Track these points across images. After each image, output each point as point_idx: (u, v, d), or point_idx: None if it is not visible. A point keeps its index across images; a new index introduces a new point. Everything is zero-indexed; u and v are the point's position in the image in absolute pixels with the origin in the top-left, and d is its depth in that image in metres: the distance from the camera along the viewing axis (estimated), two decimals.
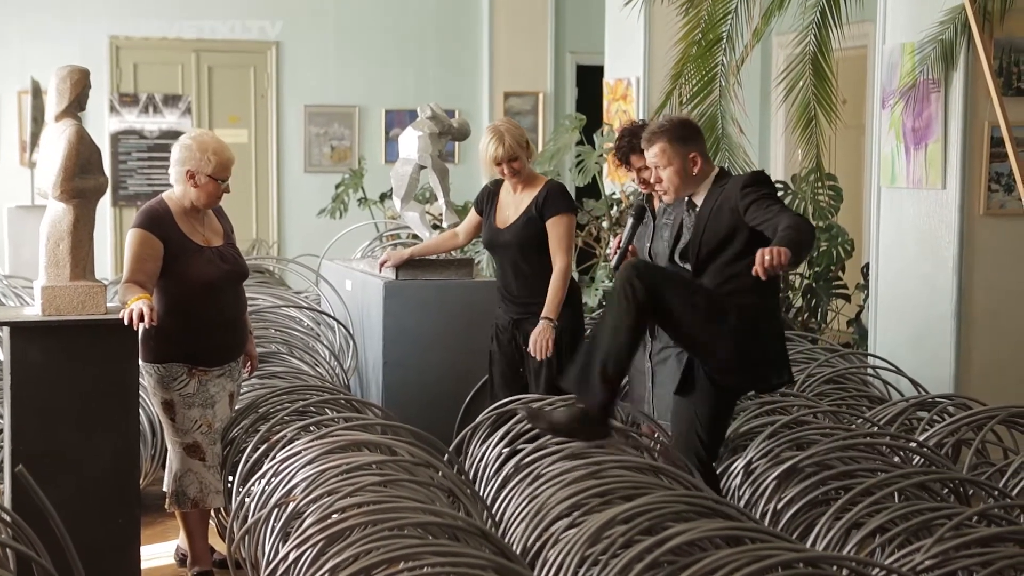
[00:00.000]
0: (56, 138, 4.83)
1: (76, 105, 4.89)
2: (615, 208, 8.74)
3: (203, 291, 5.03)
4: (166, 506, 5.18)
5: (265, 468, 4.79)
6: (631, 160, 5.50)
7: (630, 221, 5.09)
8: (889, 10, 6.77)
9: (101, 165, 4.94)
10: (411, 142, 6.40)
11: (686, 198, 4.86)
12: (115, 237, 11.59)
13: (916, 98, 6.51)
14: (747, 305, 4.63)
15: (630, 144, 5.47)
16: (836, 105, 6.31)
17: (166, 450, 5.31)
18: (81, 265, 4.87)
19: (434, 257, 6.14)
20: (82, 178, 4.82)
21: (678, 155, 4.70)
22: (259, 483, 4.69)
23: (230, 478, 5.36)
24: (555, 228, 5.54)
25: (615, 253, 5.00)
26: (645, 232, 5.63)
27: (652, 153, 4.72)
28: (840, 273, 8.24)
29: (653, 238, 5.59)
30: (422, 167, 6.38)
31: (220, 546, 5.47)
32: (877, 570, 3.54)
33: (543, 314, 5.47)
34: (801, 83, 6.35)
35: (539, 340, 5.47)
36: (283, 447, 4.98)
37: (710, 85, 6.33)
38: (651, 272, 4.64)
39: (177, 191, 5.11)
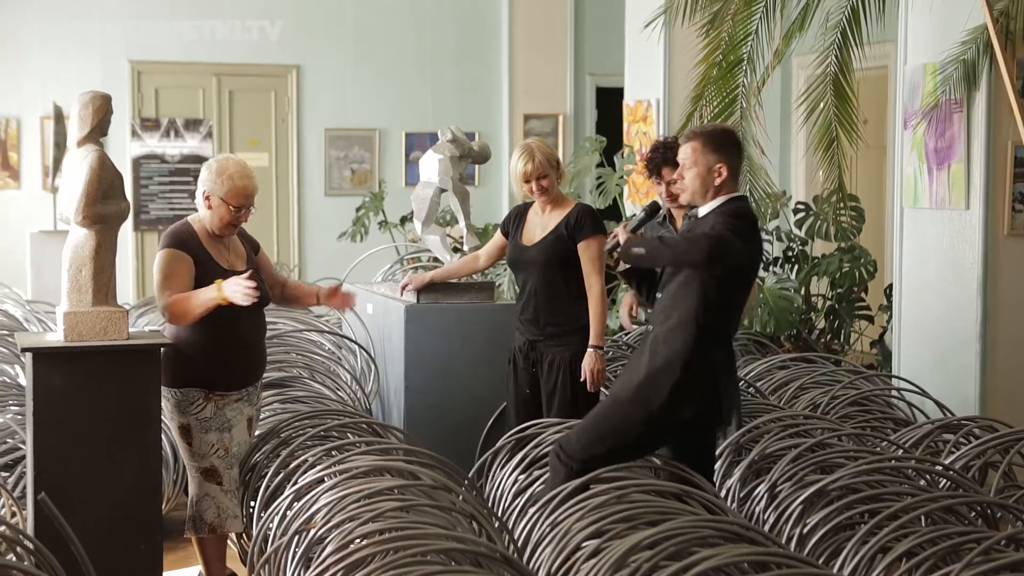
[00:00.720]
0: (78, 164, 4.83)
1: (98, 131, 4.89)
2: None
3: (225, 316, 5.01)
4: (185, 532, 5.16)
5: (286, 493, 4.77)
6: (663, 172, 5.53)
7: (642, 214, 5.01)
8: (910, 31, 6.76)
9: (123, 190, 4.94)
10: (432, 165, 6.39)
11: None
12: (137, 262, 11.62)
13: (938, 118, 6.49)
14: (680, 338, 4.58)
15: (663, 156, 5.54)
16: (858, 126, 6.29)
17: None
18: (103, 291, 4.87)
19: (455, 280, 6.13)
20: (104, 204, 4.82)
21: (706, 159, 4.64)
22: (280, 509, 4.68)
23: (251, 503, 5.35)
24: (587, 250, 5.53)
25: (613, 237, 4.89)
26: None
27: (684, 151, 4.70)
28: (863, 294, 8.21)
29: None
30: (443, 190, 6.37)
31: (240, 570, 5.45)
32: None
33: (591, 343, 5.47)
34: (823, 104, 6.33)
35: (592, 370, 5.46)
36: (304, 472, 4.97)
37: (731, 106, 6.31)
38: (574, 448, 4.62)
39: (200, 213, 5.11)
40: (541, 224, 5.65)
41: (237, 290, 4.82)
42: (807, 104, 6.36)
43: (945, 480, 4.97)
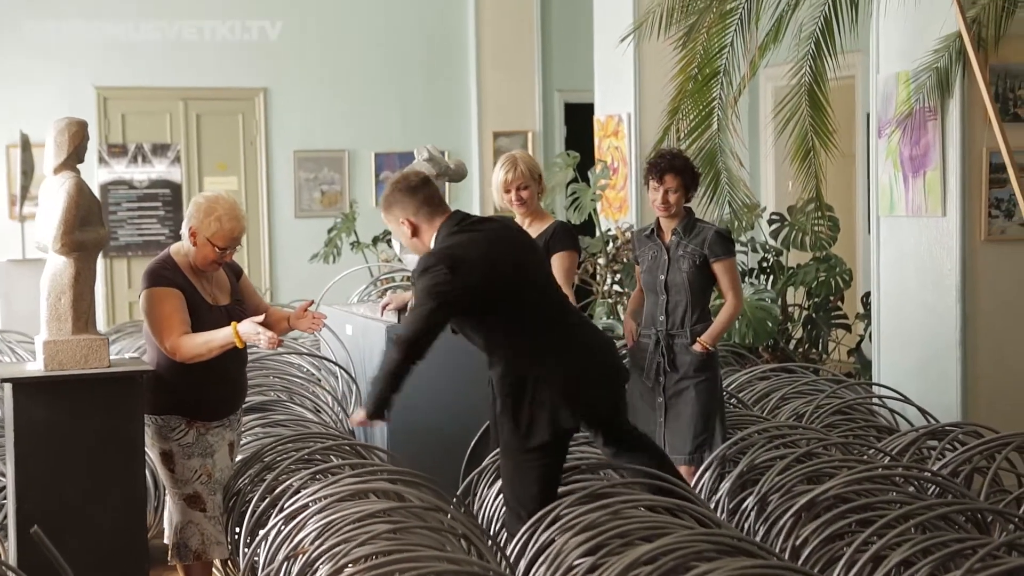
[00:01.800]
0: (55, 191, 4.78)
1: (75, 157, 4.85)
2: (611, 244, 8.71)
3: None
4: (169, 559, 5.09)
5: (273, 519, 4.72)
6: (664, 179, 5.59)
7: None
8: (882, 40, 6.78)
9: (101, 217, 4.90)
10: None
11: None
12: (106, 288, 11.51)
13: (913, 126, 6.51)
14: (499, 372, 4.58)
15: (670, 163, 5.61)
16: (833, 135, 6.30)
17: (164, 502, 5.22)
18: (83, 319, 4.81)
19: None
20: (82, 231, 4.77)
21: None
22: (268, 535, 4.62)
23: (237, 529, 5.29)
24: (559, 263, 5.55)
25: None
26: (656, 265, 5.62)
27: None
28: (839, 303, 8.23)
29: (669, 269, 5.58)
30: None
31: None
32: None
33: None
34: (798, 114, 6.34)
35: None
36: (290, 496, 4.92)
37: (708, 119, 6.31)
38: (514, 499, 4.60)
39: (184, 245, 5.03)
40: None
41: (252, 335, 4.78)
42: (783, 115, 6.37)
43: (934, 487, 4.97)
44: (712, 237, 5.59)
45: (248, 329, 4.83)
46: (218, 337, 4.84)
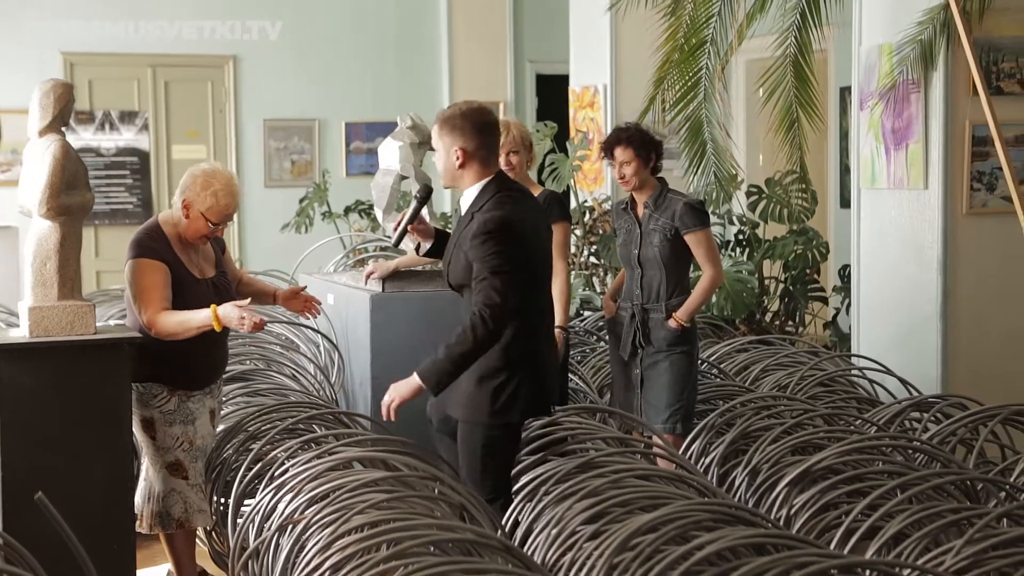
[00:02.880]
0: (41, 154, 4.69)
1: (60, 120, 4.75)
2: (588, 216, 8.69)
3: None
4: (144, 528, 5.01)
5: (264, 490, 4.67)
6: (615, 153, 5.56)
7: (414, 203, 4.81)
8: (865, 12, 6.78)
9: (87, 181, 4.81)
10: (391, 152, 6.29)
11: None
12: None
13: (896, 99, 6.52)
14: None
15: (617, 137, 5.58)
16: (818, 107, 6.30)
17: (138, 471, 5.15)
18: (69, 284, 4.73)
19: (420, 268, 6.05)
20: (68, 194, 4.68)
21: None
22: (260, 505, 4.58)
23: (222, 500, 5.24)
24: (555, 235, 5.48)
25: (395, 230, 4.80)
26: (631, 239, 5.60)
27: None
28: (816, 275, 8.25)
29: (641, 243, 5.56)
30: (404, 177, 6.28)
31: (211, 568, 5.35)
32: (912, 572, 3.50)
33: (556, 323, 5.39)
34: (782, 86, 6.33)
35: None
36: (279, 466, 4.88)
37: (695, 89, 6.28)
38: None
39: (173, 214, 4.97)
40: None
41: (235, 319, 4.70)
42: (768, 86, 6.36)
43: (922, 456, 4.99)
44: (682, 209, 5.53)
45: (230, 314, 4.73)
46: (196, 319, 4.77)
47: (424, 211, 4.94)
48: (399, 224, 4.76)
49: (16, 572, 3.59)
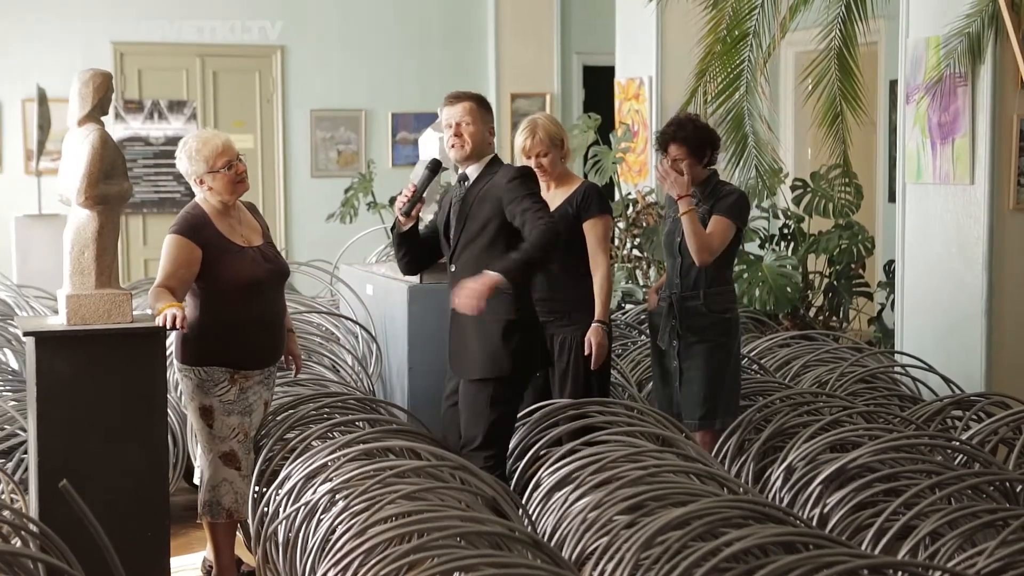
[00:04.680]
0: (79, 143, 4.72)
1: (99, 109, 4.79)
2: (631, 208, 8.65)
3: (247, 291, 4.92)
4: (199, 517, 5.07)
5: (296, 477, 4.68)
6: (669, 149, 5.51)
7: (426, 172, 5.18)
8: (912, 4, 6.69)
9: (125, 170, 4.84)
10: (432, 143, 6.30)
11: None
12: (123, 245, 11.45)
13: (942, 93, 6.43)
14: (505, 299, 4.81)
15: (673, 134, 5.51)
16: (863, 100, 6.22)
17: (189, 460, 5.20)
18: (107, 273, 4.77)
19: None
20: (106, 184, 4.72)
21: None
22: (292, 494, 4.59)
23: (255, 487, 5.26)
24: (594, 229, 5.46)
25: (407, 200, 5.05)
26: (675, 227, 5.56)
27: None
28: (861, 271, 8.16)
29: (683, 232, 5.50)
30: (444, 168, 6.27)
31: (248, 558, 5.37)
32: (942, 573, 3.45)
33: (596, 318, 5.39)
34: (826, 79, 6.26)
35: (597, 343, 5.39)
36: (312, 455, 4.89)
37: (736, 81, 6.23)
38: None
39: (204, 196, 5.02)
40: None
41: (167, 315, 4.65)
42: (811, 79, 6.29)
43: (961, 456, 4.92)
44: (725, 200, 5.47)
45: (164, 312, 4.66)
46: (158, 304, 4.73)
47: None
48: (413, 194, 5.05)
49: (48, 560, 3.62)
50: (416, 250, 5.19)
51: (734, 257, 5.65)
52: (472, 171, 5.01)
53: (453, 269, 4.97)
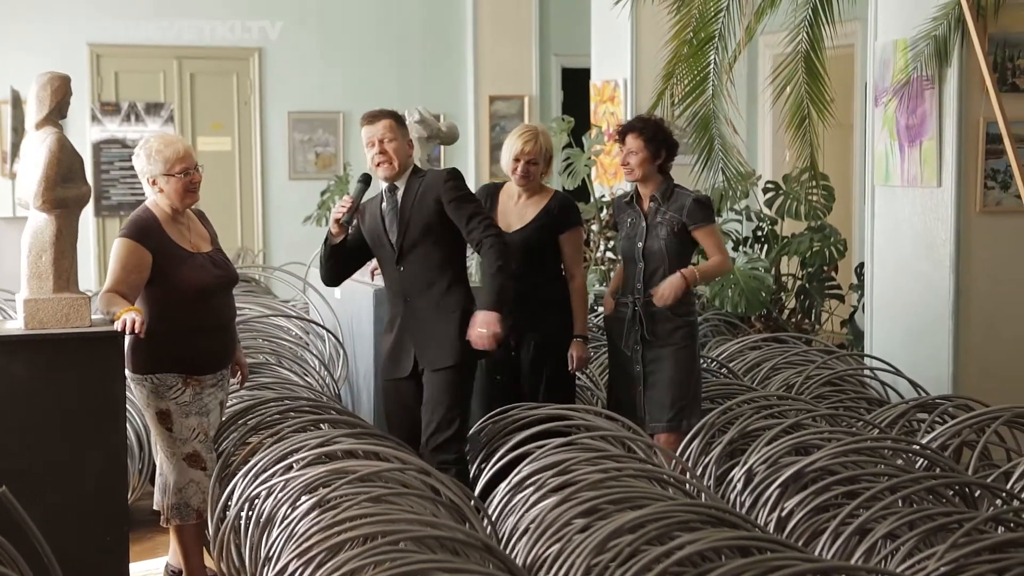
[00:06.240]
0: (37, 147, 4.70)
1: (56, 112, 4.76)
2: (604, 211, 8.65)
3: (196, 297, 4.91)
4: (164, 522, 5.04)
5: (259, 479, 4.67)
6: (626, 140, 5.58)
7: (359, 185, 5.29)
8: (880, 7, 6.70)
9: (84, 174, 4.82)
10: None
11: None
12: (98, 248, 11.45)
13: (910, 95, 6.44)
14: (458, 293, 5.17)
15: (630, 126, 5.62)
16: (829, 104, 6.22)
17: (154, 465, 5.17)
18: (64, 277, 4.74)
19: None
20: (64, 187, 4.69)
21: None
22: (254, 497, 4.58)
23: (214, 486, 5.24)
24: (570, 241, 5.53)
25: (346, 212, 5.19)
26: (635, 232, 5.56)
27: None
28: (833, 273, 8.17)
29: (647, 236, 5.51)
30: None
31: (207, 561, 5.35)
32: None
33: (576, 332, 5.51)
34: (794, 82, 6.26)
35: (579, 357, 5.52)
36: (276, 460, 4.87)
37: (702, 84, 6.22)
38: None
39: (155, 198, 5.01)
40: (517, 212, 5.57)
41: (126, 320, 4.63)
42: (778, 82, 6.29)
43: (922, 460, 4.93)
44: (691, 205, 5.49)
45: (123, 317, 4.65)
46: (113, 308, 4.72)
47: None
48: (352, 205, 5.19)
49: None
50: (343, 261, 5.35)
51: (691, 260, 5.65)
52: (400, 182, 5.19)
53: (402, 269, 5.16)
